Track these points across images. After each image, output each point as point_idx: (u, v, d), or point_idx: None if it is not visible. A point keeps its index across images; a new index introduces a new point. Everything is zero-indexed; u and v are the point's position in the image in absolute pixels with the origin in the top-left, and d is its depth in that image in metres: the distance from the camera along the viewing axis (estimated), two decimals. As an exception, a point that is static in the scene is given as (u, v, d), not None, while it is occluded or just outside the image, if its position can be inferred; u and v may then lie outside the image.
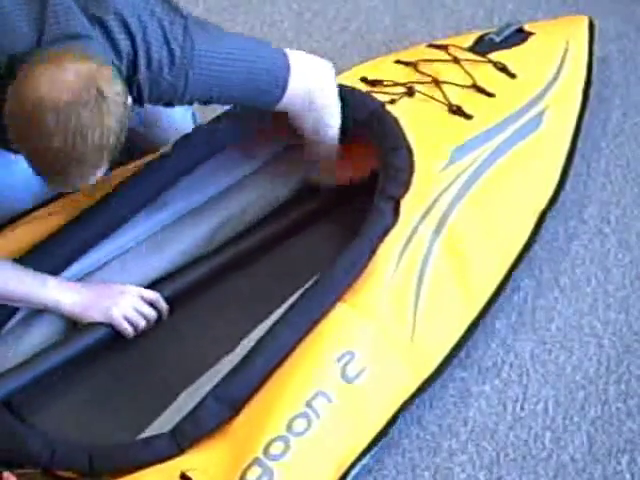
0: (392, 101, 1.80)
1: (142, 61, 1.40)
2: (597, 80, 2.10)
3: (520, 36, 2.05)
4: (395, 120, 1.70)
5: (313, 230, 1.76)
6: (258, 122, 1.75)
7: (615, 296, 1.78)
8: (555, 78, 1.94)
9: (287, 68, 1.56)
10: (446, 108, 1.82)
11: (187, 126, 1.87)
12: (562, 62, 1.99)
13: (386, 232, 1.55)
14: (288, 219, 1.75)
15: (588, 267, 1.84)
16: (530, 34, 2.06)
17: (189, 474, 1.30)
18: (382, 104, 1.74)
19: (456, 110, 1.81)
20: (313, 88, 1.62)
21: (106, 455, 1.33)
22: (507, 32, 2.05)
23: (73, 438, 1.41)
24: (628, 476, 1.51)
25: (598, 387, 1.63)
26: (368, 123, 1.71)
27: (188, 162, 1.71)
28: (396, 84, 1.86)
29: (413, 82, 1.86)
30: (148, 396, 1.51)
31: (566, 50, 2.02)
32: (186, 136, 1.72)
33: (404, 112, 1.77)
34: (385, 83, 1.87)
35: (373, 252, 1.53)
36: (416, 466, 1.52)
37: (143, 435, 1.43)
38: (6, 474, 1.31)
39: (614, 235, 1.89)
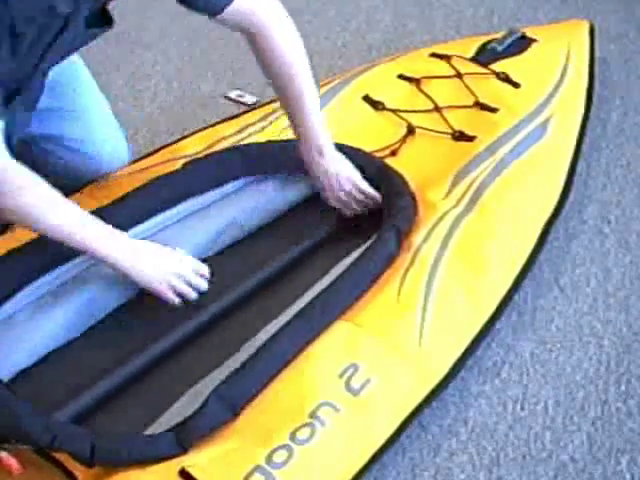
0: (393, 153, 1.82)
1: None
2: (597, 80, 2.10)
3: (522, 43, 2.06)
4: (399, 175, 1.75)
5: (319, 237, 1.77)
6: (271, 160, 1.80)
7: (615, 296, 1.78)
8: (558, 85, 1.95)
9: None
10: (449, 137, 1.83)
11: (121, 155, 1.86)
12: (565, 68, 2.00)
13: (390, 261, 1.58)
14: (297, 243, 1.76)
15: (588, 267, 1.84)
16: (532, 41, 2.07)
17: (189, 470, 1.30)
18: (385, 163, 1.78)
19: (459, 136, 1.83)
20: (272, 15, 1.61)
21: (108, 446, 1.31)
22: (509, 40, 2.06)
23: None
24: (628, 476, 1.51)
25: (598, 387, 1.63)
26: (375, 178, 1.75)
27: (195, 186, 1.76)
28: (398, 112, 1.89)
29: (414, 111, 1.89)
30: (150, 396, 1.51)
31: (568, 56, 2.03)
32: (197, 160, 1.76)
33: (407, 160, 1.81)
34: (387, 107, 1.89)
35: (377, 276, 1.56)
36: (416, 466, 1.52)
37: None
38: (5, 455, 1.30)
39: (614, 235, 1.90)
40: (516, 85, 1.93)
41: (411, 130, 1.87)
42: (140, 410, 1.48)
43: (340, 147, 1.80)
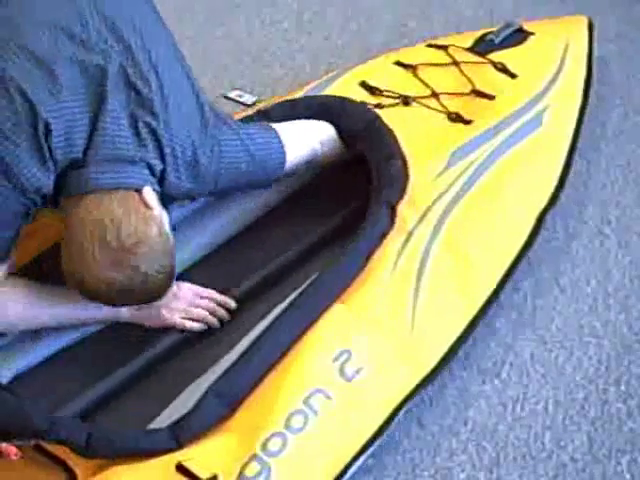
0: (379, 106, 1.82)
1: (171, 174, 1.49)
2: (597, 80, 2.10)
3: (520, 36, 2.06)
4: (390, 131, 1.73)
5: (310, 233, 1.77)
6: None
7: (615, 296, 1.78)
8: (555, 77, 1.95)
9: (283, 152, 1.64)
10: (444, 116, 1.83)
11: None
12: (562, 61, 1.99)
13: (383, 236, 1.57)
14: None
15: (588, 267, 1.84)
16: (530, 34, 2.07)
17: (185, 464, 1.30)
18: (377, 116, 1.76)
19: (455, 117, 1.83)
20: (306, 154, 1.71)
21: (104, 437, 1.32)
22: (507, 32, 2.06)
23: None
24: (628, 476, 1.51)
25: (598, 387, 1.63)
26: (364, 134, 1.73)
27: None
28: (394, 95, 1.88)
29: (411, 95, 1.89)
30: (150, 394, 1.52)
31: (566, 49, 2.02)
32: None
33: (400, 119, 1.79)
34: (384, 92, 1.89)
35: (369, 255, 1.55)
36: (416, 466, 1.52)
37: None
38: (4, 445, 1.31)
39: (614, 235, 1.89)
40: (513, 75, 1.93)
41: (406, 102, 1.86)
42: (139, 409, 1.48)
43: (328, 98, 1.80)
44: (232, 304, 1.63)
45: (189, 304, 1.60)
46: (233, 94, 2.26)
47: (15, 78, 1.40)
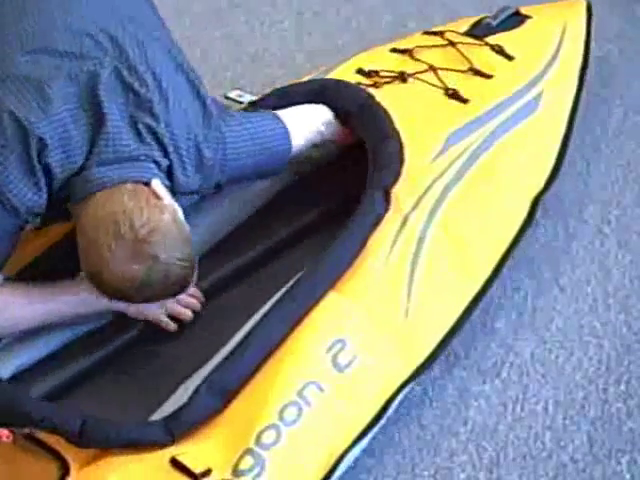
0: (376, 85, 1.81)
1: (178, 171, 1.49)
2: (597, 80, 2.10)
3: (517, 19, 2.04)
4: (385, 111, 1.71)
5: (303, 223, 1.76)
6: None
7: (615, 296, 1.78)
8: (553, 60, 1.93)
9: (287, 137, 1.64)
10: (442, 92, 1.82)
11: None
12: (560, 44, 1.98)
13: (378, 221, 1.56)
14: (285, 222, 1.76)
15: (588, 267, 1.84)
16: (527, 17, 2.05)
17: (179, 458, 1.30)
18: (371, 96, 1.74)
19: (452, 94, 1.81)
20: (312, 135, 1.70)
21: (98, 426, 1.32)
22: (504, 16, 2.04)
23: None
24: (628, 476, 1.51)
25: (598, 387, 1.63)
26: (358, 115, 1.71)
27: None
28: (391, 74, 1.87)
29: (408, 71, 1.87)
30: (147, 390, 1.52)
31: (563, 32, 2.00)
32: None
33: (396, 97, 1.77)
34: (381, 74, 1.88)
35: (364, 241, 1.54)
36: (416, 466, 1.52)
37: None
38: None
39: (614, 235, 1.89)
40: (510, 58, 1.91)
41: (403, 79, 1.85)
42: (134, 406, 1.48)
43: (321, 82, 1.80)
44: (201, 298, 1.64)
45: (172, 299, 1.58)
46: (233, 94, 2.26)
47: (1, 99, 1.40)
